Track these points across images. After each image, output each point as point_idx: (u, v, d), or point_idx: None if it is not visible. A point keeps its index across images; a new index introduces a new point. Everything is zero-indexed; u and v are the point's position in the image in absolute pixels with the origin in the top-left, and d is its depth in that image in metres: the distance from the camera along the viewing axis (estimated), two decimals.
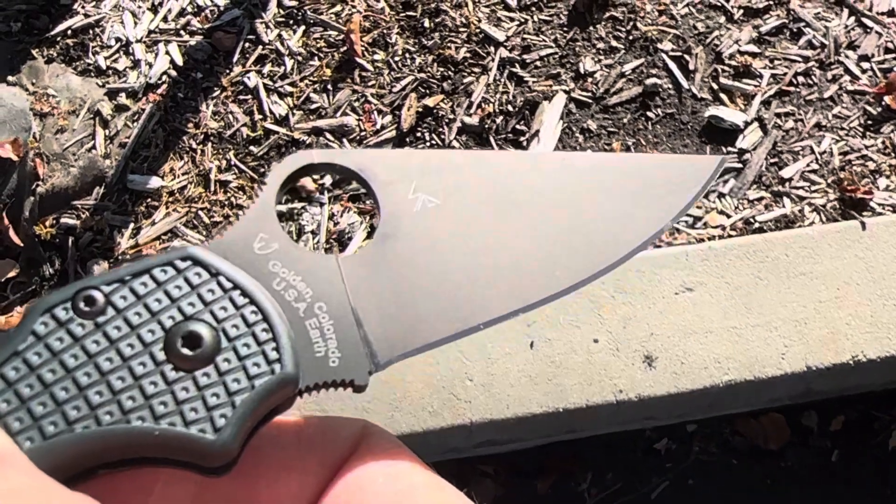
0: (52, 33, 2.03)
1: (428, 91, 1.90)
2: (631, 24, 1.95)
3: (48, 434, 0.27)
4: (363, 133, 1.86)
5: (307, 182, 1.81)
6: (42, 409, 0.27)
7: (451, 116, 1.86)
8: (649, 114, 1.85)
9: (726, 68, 1.90)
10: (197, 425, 0.28)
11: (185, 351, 0.29)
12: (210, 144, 1.89)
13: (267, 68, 1.96)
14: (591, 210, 0.34)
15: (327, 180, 1.82)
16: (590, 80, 1.90)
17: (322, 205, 1.79)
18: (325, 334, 0.31)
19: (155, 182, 1.85)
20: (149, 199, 1.84)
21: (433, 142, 1.84)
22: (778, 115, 1.85)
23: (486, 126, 1.84)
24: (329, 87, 1.93)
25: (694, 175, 0.35)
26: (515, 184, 0.34)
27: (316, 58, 1.96)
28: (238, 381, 0.29)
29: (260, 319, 0.30)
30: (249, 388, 0.29)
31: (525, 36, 1.95)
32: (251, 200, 0.32)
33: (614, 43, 1.93)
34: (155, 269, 0.29)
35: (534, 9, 1.99)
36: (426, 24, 1.97)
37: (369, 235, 1.76)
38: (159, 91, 1.95)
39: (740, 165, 1.80)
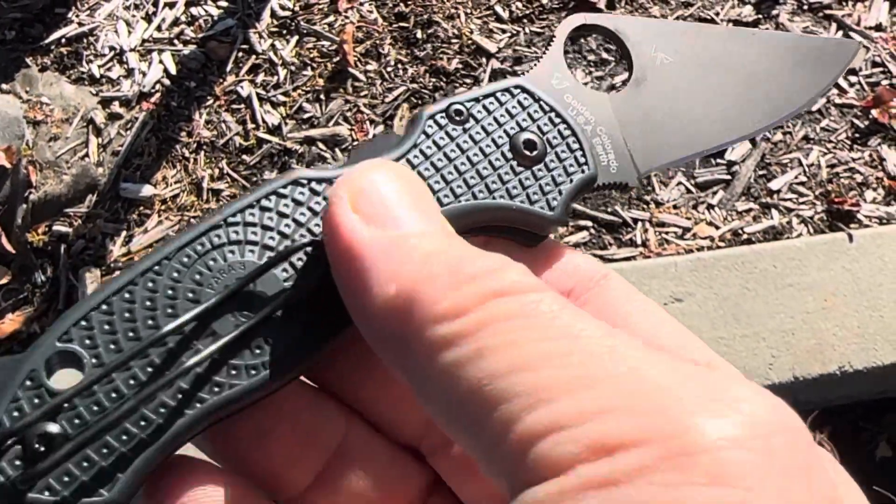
0: (47, 42, 2.03)
1: (420, 101, 1.91)
2: None
3: (443, 203, 0.36)
4: (355, 142, 1.87)
5: None
6: (437, 186, 0.36)
7: None
8: None
9: None
10: (538, 204, 0.38)
11: (525, 152, 0.38)
12: (203, 153, 1.89)
13: (260, 78, 1.97)
14: (773, 70, 0.44)
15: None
16: None
17: None
18: (606, 149, 0.40)
19: (147, 190, 1.86)
20: (141, 207, 1.85)
21: None
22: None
23: None
24: (322, 96, 1.94)
25: (842, 52, 0.46)
26: (723, 47, 0.44)
27: (309, 68, 1.97)
28: (561, 175, 0.38)
29: (570, 134, 0.39)
30: (569, 181, 0.38)
31: (517, 47, 1.97)
32: (545, 49, 0.42)
33: (605, 55, 1.95)
34: (498, 93, 0.39)
35: (525, 20, 2.00)
36: (418, 35, 1.99)
37: None
38: (153, 100, 1.96)
39: (729, 177, 1.81)
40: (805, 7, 2.00)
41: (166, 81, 1.98)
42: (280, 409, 0.34)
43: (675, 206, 1.78)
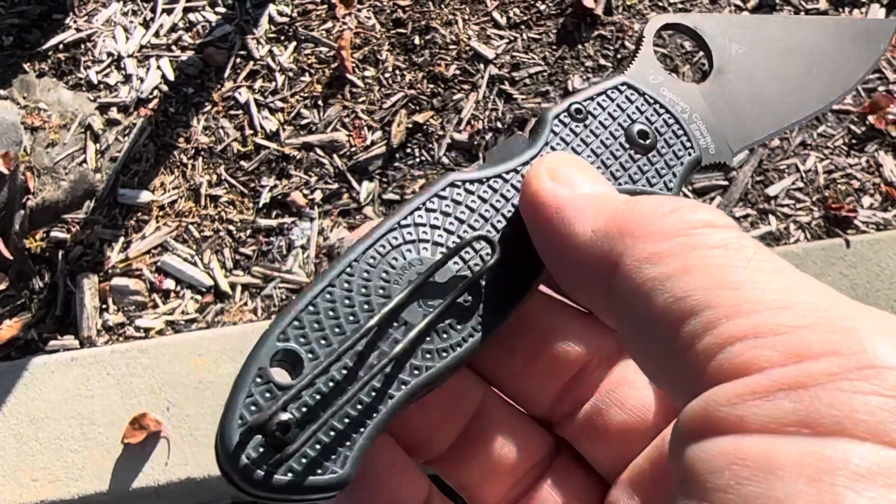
0: (44, 47, 2.03)
1: (418, 107, 1.92)
2: (619, 42, 1.97)
3: None
4: (353, 148, 1.87)
5: (297, 197, 1.82)
6: None
7: (441, 133, 1.88)
8: None
9: None
10: (657, 186, 0.42)
11: (640, 141, 0.42)
12: (201, 159, 1.89)
13: (258, 84, 1.97)
14: (828, 50, 0.49)
15: (317, 195, 1.83)
16: None
17: (312, 220, 1.80)
18: (703, 133, 0.43)
19: (145, 196, 1.86)
20: (139, 214, 1.85)
21: (423, 157, 1.85)
22: None
23: (476, 143, 1.86)
24: (319, 102, 1.94)
25: (884, 29, 0.51)
26: (782, 34, 0.49)
27: (307, 74, 1.97)
28: (672, 159, 0.42)
29: (674, 122, 0.43)
30: (680, 164, 0.42)
31: (514, 54, 1.97)
32: (635, 49, 0.47)
33: (602, 61, 1.95)
34: (608, 91, 0.43)
35: (523, 27, 2.01)
36: (416, 41, 1.99)
37: None
38: (150, 106, 1.96)
39: (726, 183, 1.82)
40: (801, 13, 2.01)
41: (164, 87, 1.98)
42: None
43: None
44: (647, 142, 0.42)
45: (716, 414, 0.26)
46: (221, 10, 2.07)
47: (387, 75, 1.96)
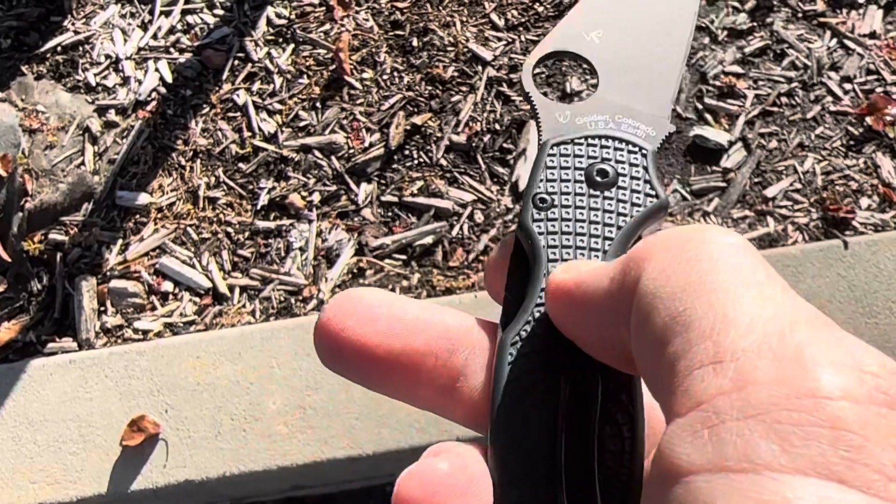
0: (42, 50, 2.03)
1: (416, 109, 1.92)
2: None
3: None
4: (352, 150, 1.87)
5: (296, 199, 1.82)
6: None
7: (439, 135, 1.88)
8: None
9: (711, 88, 1.92)
10: (646, 202, 0.40)
11: (602, 180, 0.40)
12: (199, 161, 1.89)
13: (256, 86, 1.97)
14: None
15: (315, 197, 1.83)
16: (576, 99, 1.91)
17: (310, 221, 1.80)
18: (636, 126, 0.42)
19: (143, 198, 1.86)
20: (137, 216, 1.85)
21: (421, 159, 1.85)
22: (762, 135, 1.87)
23: (474, 144, 1.86)
24: (318, 104, 1.94)
25: None
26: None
27: (305, 76, 1.97)
28: (638, 170, 0.41)
29: (610, 139, 0.42)
30: (643, 168, 0.41)
31: (512, 55, 1.97)
32: (530, 104, 0.45)
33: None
34: (545, 161, 0.41)
35: (521, 28, 2.01)
36: (414, 43, 1.99)
37: (357, 252, 1.77)
38: (148, 108, 1.96)
39: (724, 185, 1.82)
40: (799, 15, 2.01)
41: (162, 90, 1.98)
42: None
43: (670, 214, 1.78)
44: (608, 178, 0.40)
45: (671, 456, 0.25)
46: (219, 12, 2.07)
47: (385, 77, 1.96)
